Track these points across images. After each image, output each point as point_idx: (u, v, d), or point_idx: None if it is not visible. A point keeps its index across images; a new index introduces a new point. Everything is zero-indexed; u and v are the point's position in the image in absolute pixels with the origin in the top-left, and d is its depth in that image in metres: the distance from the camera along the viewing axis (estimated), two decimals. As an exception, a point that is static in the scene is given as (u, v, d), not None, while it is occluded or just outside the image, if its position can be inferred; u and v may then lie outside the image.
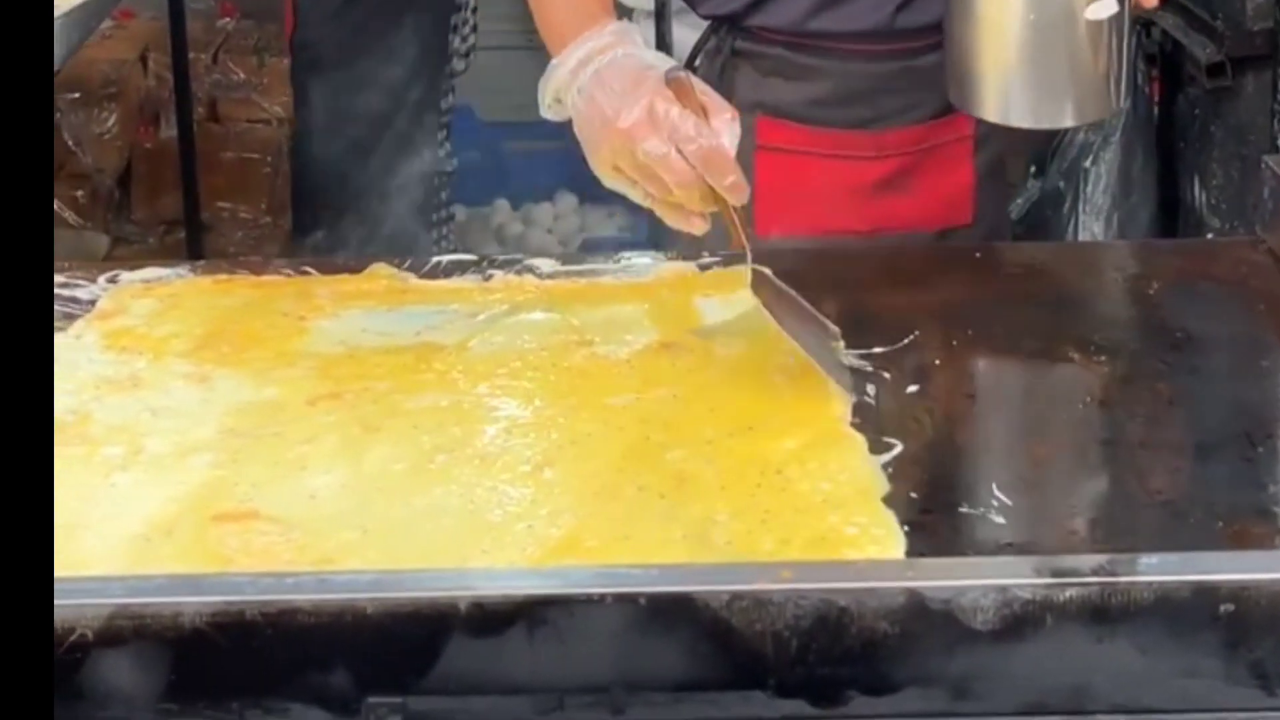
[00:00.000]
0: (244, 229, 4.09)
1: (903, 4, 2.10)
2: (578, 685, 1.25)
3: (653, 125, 1.71)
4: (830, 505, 1.51)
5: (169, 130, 4.14)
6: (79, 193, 3.92)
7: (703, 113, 1.73)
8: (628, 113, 1.73)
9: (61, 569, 1.42)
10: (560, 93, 1.84)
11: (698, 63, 2.18)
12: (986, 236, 2.21)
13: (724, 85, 2.13)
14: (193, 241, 3.84)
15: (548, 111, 1.87)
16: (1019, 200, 2.86)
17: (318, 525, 1.50)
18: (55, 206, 3.87)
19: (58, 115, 3.80)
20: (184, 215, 3.79)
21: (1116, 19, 1.83)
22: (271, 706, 1.25)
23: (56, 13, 2.71)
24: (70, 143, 3.82)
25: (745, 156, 2.10)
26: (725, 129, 1.73)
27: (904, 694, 1.25)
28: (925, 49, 2.10)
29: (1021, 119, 1.91)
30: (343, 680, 1.24)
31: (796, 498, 1.53)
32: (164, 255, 4.01)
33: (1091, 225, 2.82)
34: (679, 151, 1.71)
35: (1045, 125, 1.95)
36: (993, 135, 2.18)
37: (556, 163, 4.39)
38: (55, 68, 2.88)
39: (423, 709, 1.25)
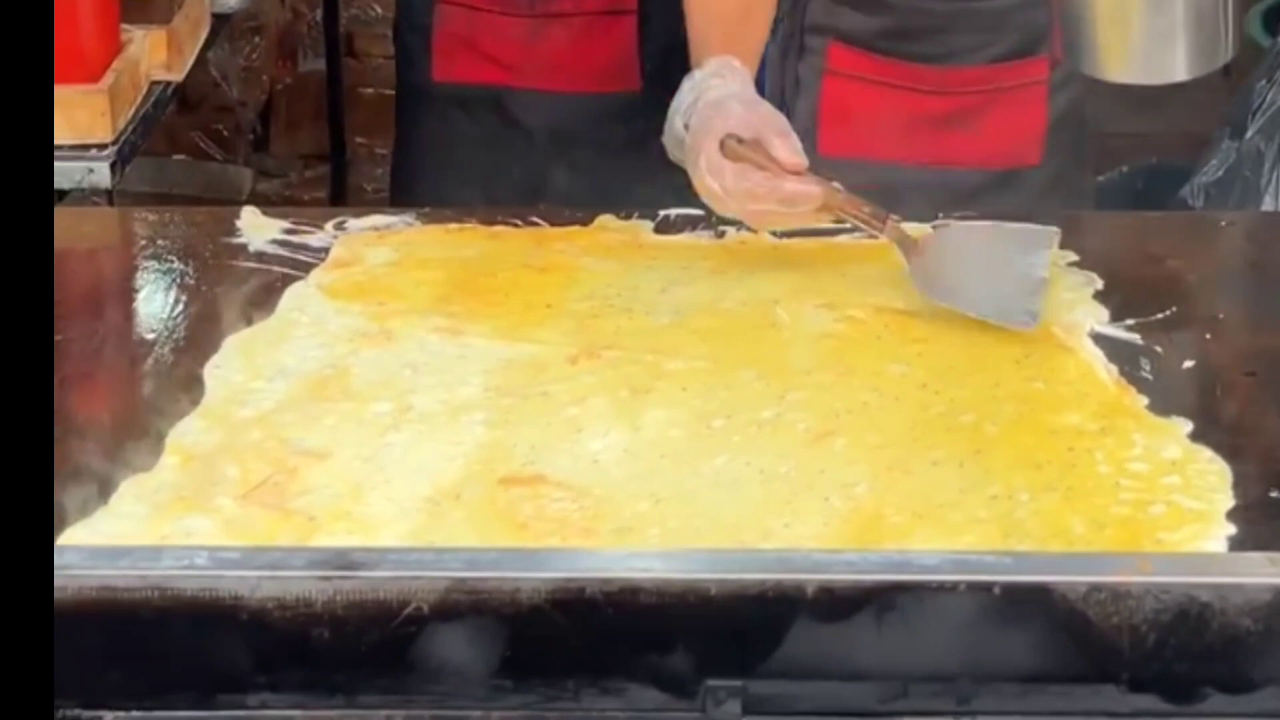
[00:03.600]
0: (382, 165, 4.03)
1: None
2: (923, 674, 1.21)
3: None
4: (1140, 484, 1.46)
5: (306, 65, 4.09)
6: (221, 127, 3.88)
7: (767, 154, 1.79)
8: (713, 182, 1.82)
9: (356, 533, 1.40)
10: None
11: None
12: (1055, 179, 2.18)
13: (799, 7, 2.15)
14: (337, 177, 3.79)
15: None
16: (1213, 161, 2.79)
17: (607, 492, 1.46)
18: (198, 140, 3.84)
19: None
20: (330, 150, 3.74)
21: None
22: (608, 686, 1.21)
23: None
24: (216, 75, 3.77)
25: (813, 78, 2.12)
26: (790, 156, 1.79)
27: (1263, 693, 1.20)
28: None
29: (1134, 74, 1.86)
30: (682, 662, 1.20)
31: (1099, 475, 1.48)
32: (305, 190, 3.98)
33: (1293, 189, 2.74)
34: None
35: (1157, 80, 1.89)
36: (1070, 80, 2.15)
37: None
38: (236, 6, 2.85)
39: (763, 693, 1.20)
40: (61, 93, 2.22)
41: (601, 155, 2.39)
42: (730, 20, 1.99)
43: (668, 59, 2.43)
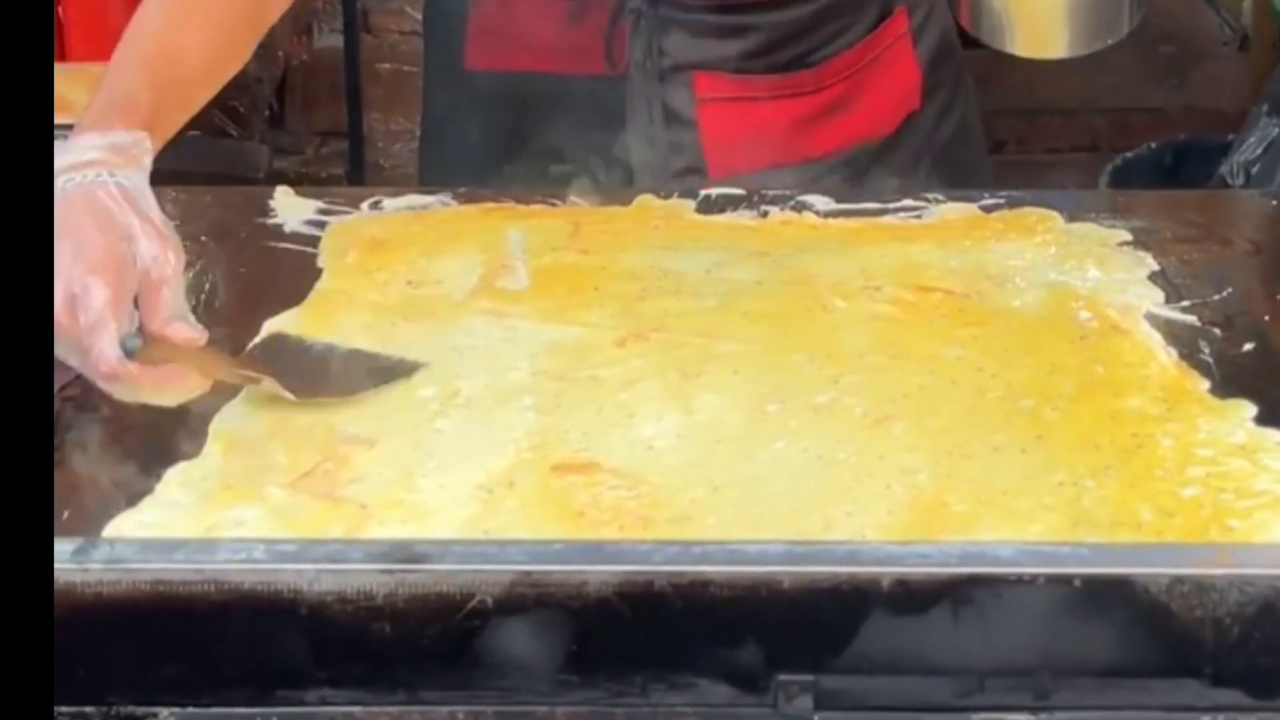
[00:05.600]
0: (400, 141, 4.01)
1: None
2: (1000, 668, 1.17)
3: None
4: (1207, 470, 1.42)
5: (322, 41, 4.06)
6: (238, 103, 3.83)
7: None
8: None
9: (410, 521, 1.37)
10: None
11: (624, 23, 2.08)
12: (942, 112, 2.16)
13: (654, 50, 2.07)
14: (355, 153, 3.76)
15: None
16: (1251, 139, 2.76)
17: (663, 479, 1.42)
18: (215, 117, 3.80)
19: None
20: (347, 126, 3.71)
21: None
22: (676, 681, 1.17)
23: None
24: (231, 51, 3.73)
25: (687, 111, 2.04)
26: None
27: (1349, 687, 1.17)
28: None
29: (1045, 48, 1.85)
30: (753, 656, 1.17)
31: (1164, 460, 1.44)
32: (322, 166, 3.95)
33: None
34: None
35: (1056, 54, 1.87)
36: (931, 19, 2.15)
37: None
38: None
39: (835, 688, 1.17)
40: (89, 72, 2.19)
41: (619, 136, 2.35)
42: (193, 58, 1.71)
43: None
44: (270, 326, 1.66)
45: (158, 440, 1.48)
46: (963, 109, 2.21)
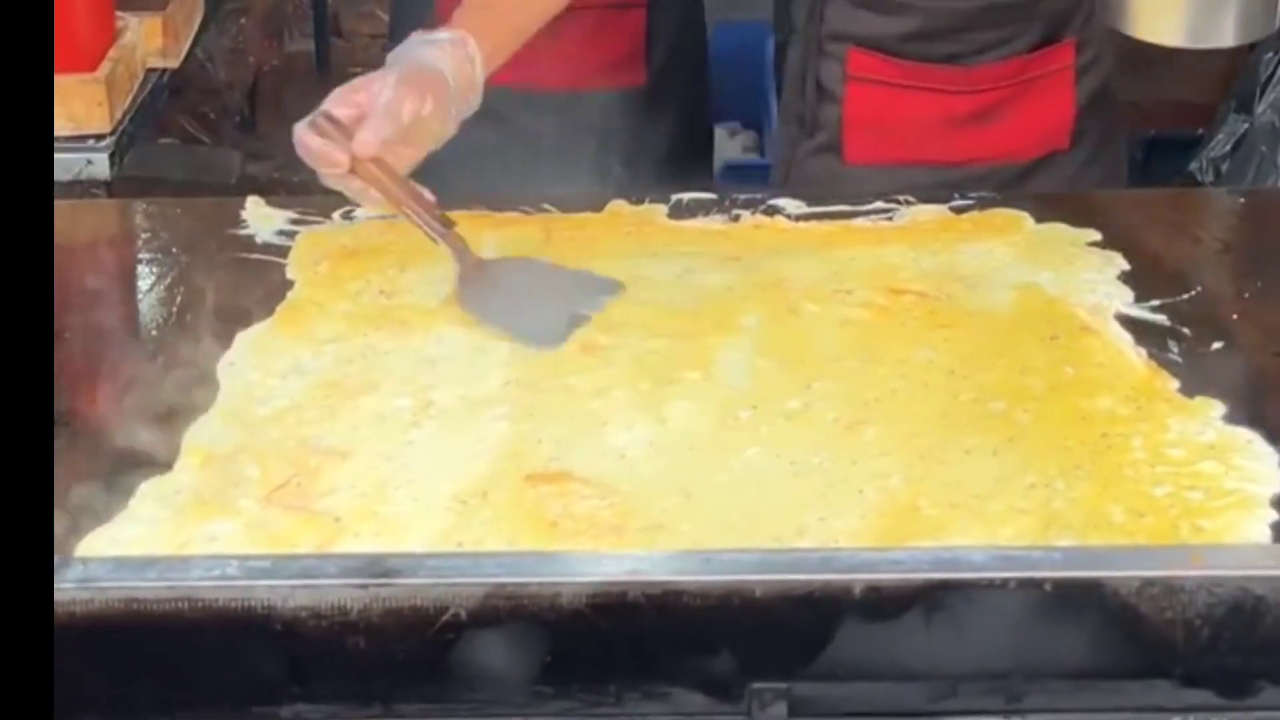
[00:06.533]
0: (373, 146, 3.99)
1: None
2: (973, 672, 1.18)
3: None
4: (1177, 469, 1.43)
5: (293, 45, 4.05)
6: (208, 109, 3.83)
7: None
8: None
9: (384, 534, 1.37)
10: None
11: None
12: (1088, 160, 2.15)
13: (815, 16, 2.10)
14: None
15: None
16: (1220, 136, 2.77)
17: (636, 488, 1.43)
18: (186, 123, 3.80)
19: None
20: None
21: None
22: (651, 690, 1.18)
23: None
24: (202, 58, 3.72)
25: (836, 86, 2.08)
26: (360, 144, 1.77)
27: (1318, 686, 1.18)
28: None
29: (1178, 38, 1.82)
30: (726, 664, 1.18)
31: (1135, 461, 1.45)
32: (295, 172, 3.93)
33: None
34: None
35: (1202, 44, 1.84)
36: (1099, 61, 2.13)
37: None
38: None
39: (808, 695, 1.18)
40: (58, 83, 2.18)
41: (604, 151, 2.34)
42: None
43: (673, 53, 2.38)
44: (243, 340, 1.66)
45: (131, 453, 1.48)
46: (1110, 163, 2.19)
